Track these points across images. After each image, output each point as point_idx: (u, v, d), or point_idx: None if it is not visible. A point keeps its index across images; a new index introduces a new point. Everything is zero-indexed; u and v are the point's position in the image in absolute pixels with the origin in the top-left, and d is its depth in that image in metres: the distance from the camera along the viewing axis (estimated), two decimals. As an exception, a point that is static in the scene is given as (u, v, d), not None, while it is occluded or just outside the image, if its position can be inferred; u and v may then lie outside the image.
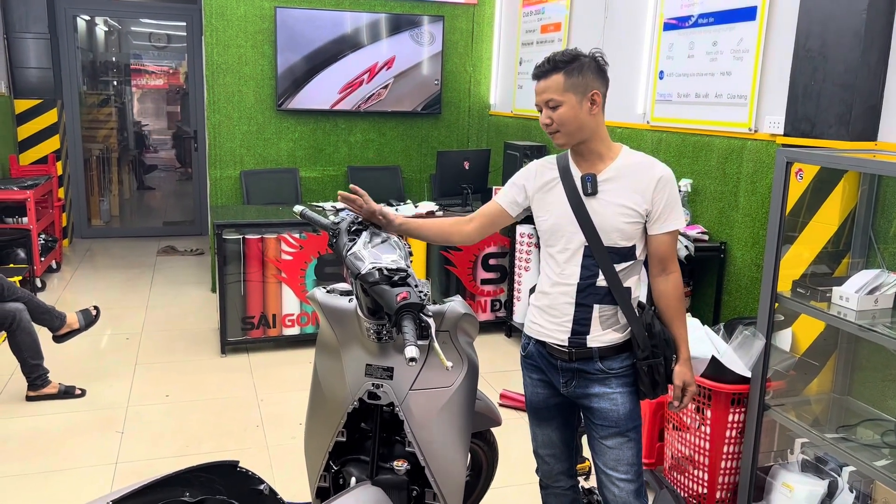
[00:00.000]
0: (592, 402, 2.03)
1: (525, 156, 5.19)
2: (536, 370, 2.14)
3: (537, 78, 1.98)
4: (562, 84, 1.93)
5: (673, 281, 2.03)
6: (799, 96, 3.01)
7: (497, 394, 3.92)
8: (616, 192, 1.96)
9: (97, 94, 8.38)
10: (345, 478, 2.00)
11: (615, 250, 1.97)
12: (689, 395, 2.04)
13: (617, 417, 2.01)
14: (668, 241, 2.00)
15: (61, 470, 3.17)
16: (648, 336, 1.99)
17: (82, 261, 6.81)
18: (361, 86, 5.98)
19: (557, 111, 1.94)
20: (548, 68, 1.95)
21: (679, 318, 2.04)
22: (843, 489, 2.63)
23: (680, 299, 2.04)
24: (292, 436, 3.49)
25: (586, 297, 1.99)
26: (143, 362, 4.39)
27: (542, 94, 1.96)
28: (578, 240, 1.98)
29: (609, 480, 2.05)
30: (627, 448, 2.03)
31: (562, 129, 1.95)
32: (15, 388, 3.91)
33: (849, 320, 2.42)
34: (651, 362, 1.99)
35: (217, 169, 5.79)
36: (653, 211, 1.96)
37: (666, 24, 4.09)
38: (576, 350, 2.01)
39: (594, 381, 2.02)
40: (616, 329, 2.01)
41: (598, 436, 2.05)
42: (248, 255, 4.51)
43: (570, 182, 2.00)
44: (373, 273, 1.79)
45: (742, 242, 3.57)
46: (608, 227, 1.95)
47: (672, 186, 1.98)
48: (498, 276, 5.10)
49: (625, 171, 1.98)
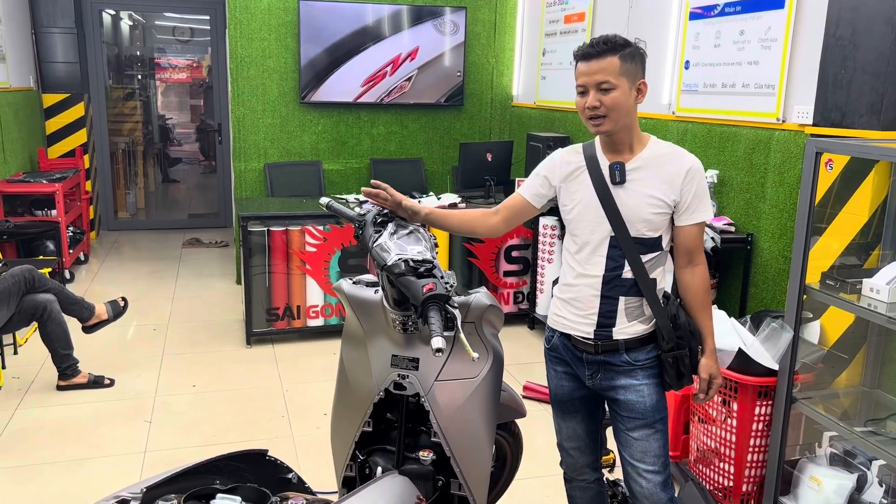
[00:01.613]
0: (619, 394, 2.02)
1: (548, 147, 5.16)
2: (561, 363, 2.13)
3: (587, 58, 1.88)
4: (617, 68, 1.86)
5: (699, 273, 2.01)
6: (829, 85, 2.96)
7: (520, 386, 3.92)
8: (644, 181, 1.93)
9: (122, 87, 8.47)
10: (371, 467, 2.01)
11: (642, 241, 1.94)
12: (714, 388, 2.03)
13: (644, 409, 2.00)
14: (695, 233, 1.97)
15: (91, 458, 3.22)
16: (673, 327, 1.97)
17: (109, 253, 6.90)
18: (385, 78, 5.99)
19: (610, 95, 1.86)
20: (603, 49, 1.86)
21: (705, 310, 2.02)
22: (873, 483, 2.60)
23: (706, 291, 2.03)
24: (317, 426, 3.52)
25: (612, 289, 1.97)
26: (170, 353, 4.45)
27: (595, 74, 1.86)
28: (604, 229, 1.95)
29: (636, 472, 2.03)
30: (654, 439, 2.01)
31: (610, 114, 1.88)
32: (46, 378, 3.98)
33: (879, 312, 2.39)
34: (676, 354, 1.98)
35: (241, 162, 5.84)
36: (681, 202, 1.94)
37: (692, 14, 4.04)
38: (601, 342, 2.00)
39: (620, 374, 2.01)
40: (642, 321, 1.99)
41: (624, 428, 2.04)
42: (273, 247, 4.54)
43: (597, 170, 1.97)
44: (399, 264, 1.79)
45: (769, 234, 3.53)
46: (635, 217, 1.93)
47: (701, 177, 1.95)
48: (521, 268, 5.09)
49: (653, 160, 1.95)
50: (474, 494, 2.00)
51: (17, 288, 3.67)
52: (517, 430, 2.53)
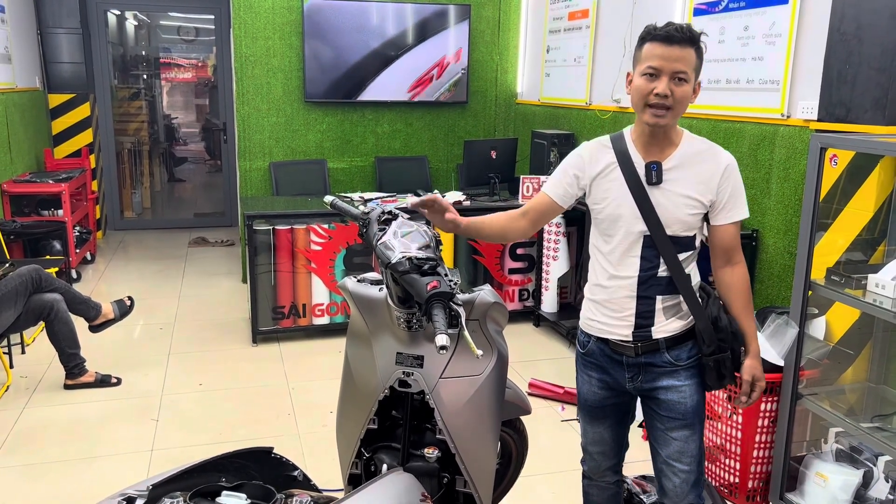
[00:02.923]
0: (660, 395, 1.97)
1: (553, 144, 5.17)
2: (597, 369, 2.06)
3: (671, 41, 1.76)
4: (693, 61, 1.79)
5: (739, 272, 1.95)
6: (833, 80, 2.95)
7: (525, 383, 3.92)
8: (681, 181, 1.87)
9: (128, 87, 8.49)
10: (376, 465, 2.02)
11: (677, 240, 1.89)
12: (758, 391, 1.96)
13: (685, 410, 1.95)
14: (733, 232, 1.92)
15: (99, 456, 3.24)
16: (715, 329, 1.91)
17: (116, 252, 6.93)
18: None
19: (682, 87, 1.78)
20: (686, 37, 1.76)
21: (748, 311, 1.95)
22: (879, 479, 2.59)
23: (748, 291, 1.96)
24: (323, 423, 3.53)
25: (648, 288, 1.91)
26: (177, 352, 4.47)
27: (676, 61, 1.76)
28: (639, 230, 1.89)
29: (671, 471, 2.00)
30: (692, 440, 1.97)
31: (676, 107, 1.79)
32: (53, 377, 4.00)
33: (885, 308, 2.38)
34: (718, 357, 1.92)
35: (246, 160, 5.85)
36: (717, 201, 1.88)
37: (696, 10, 4.03)
38: (641, 343, 1.94)
39: (663, 374, 1.96)
40: (680, 317, 1.94)
41: (663, 427, 1.99)
42: (278, 246, 4.55)
43: (631, 169, 1.89)
44: (403, 262, 1.79)
45: (774, 230, 3.52)
46: (672, 218, 1.87)
47: (737, 174, 1.89)
48: (526, 266, 5.09)
49: (689, 159, 1.88)
50: (479, 491, 2.00)
51: (24, 288, 3.69)
52: (522, 428, 2.53)
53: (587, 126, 5.22)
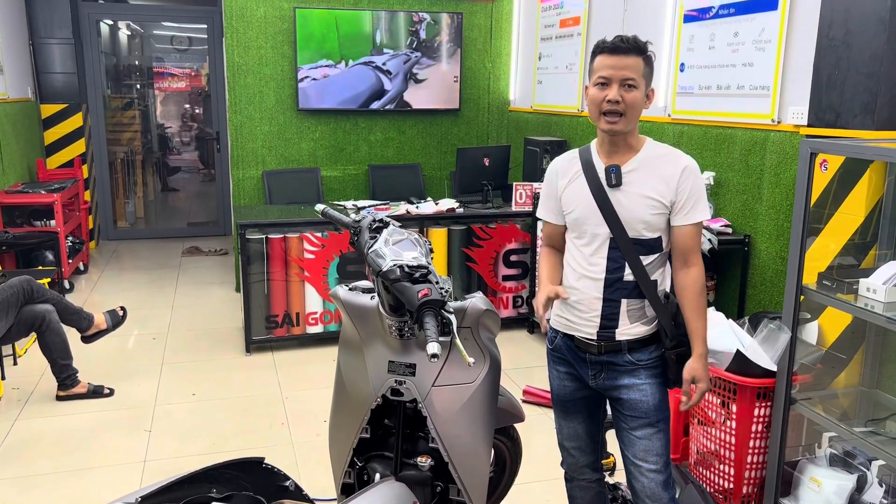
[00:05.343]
0: (622, 394, 2.03)
1: (546, 151, 5.18)
2: (564, 363, 2.14)
3: (617, 51, 1.89)
4: (641, 68, 1.90)
5: (693, 274, 1.99)
6: (823, 86, 2.96)
7: (520, 390, 3.91)
8: (640, 182, 1.95)
9: (121, 97, 8.49)
10: (369, 474, 2.01)
11: (641, 242, 1.96)
12: (698, 393, 1.99)
13: (647, 408, 2.01)
14: (691, 233, 1.97)
15: (91, 468, 3.22)
16: (675, 325, 1.98)
17: (109, 262, 6.91)
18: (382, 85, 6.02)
19: (632, 93, 1.89)
20: (630, 46, 1.89)
21: (696, 313, 1.99)
22: (873, 483, 2.60)
23: (700, 294, 2.01)
24: (317, 433, 3.52)
25: (614, 291, 1.98)
26: (170, 362, 4.45)
27: (622, 70, 1.88)
28: (604, 232, 1.97)
29: (638, 471, 2.04)
30: (657, 439, 2.02)
31: (628, 113, 1.90)
32: (45, 388, 3.98)
33: (877, 312, 2.39)
34: (679, 351, 1.99)
35: (239, 169, 5.84)
36: (676, 201, 1.94)
37: (686, 16, 4.05)
38: (605, 343, 2.01)
39: (623, 373, 2.02)
40: (644, 322, 2.01)
41: (627, 427, 2.05)
42: (272, 255, 4.54)
43: (593, 173, 1.99)
44: (394, 270, 1.79)
45: (766, 235, 3.53)
46: (633, 218, 1.94)
47: (696, 177, 1.96)
48: (519, 273, 5.08)
49: (649, 162, 1.96)
50: (473, 500, 1.99)
51: (15, 299, 3.67)
52: (516, 435, 2.52)
53: (579, 133, 5.24)
